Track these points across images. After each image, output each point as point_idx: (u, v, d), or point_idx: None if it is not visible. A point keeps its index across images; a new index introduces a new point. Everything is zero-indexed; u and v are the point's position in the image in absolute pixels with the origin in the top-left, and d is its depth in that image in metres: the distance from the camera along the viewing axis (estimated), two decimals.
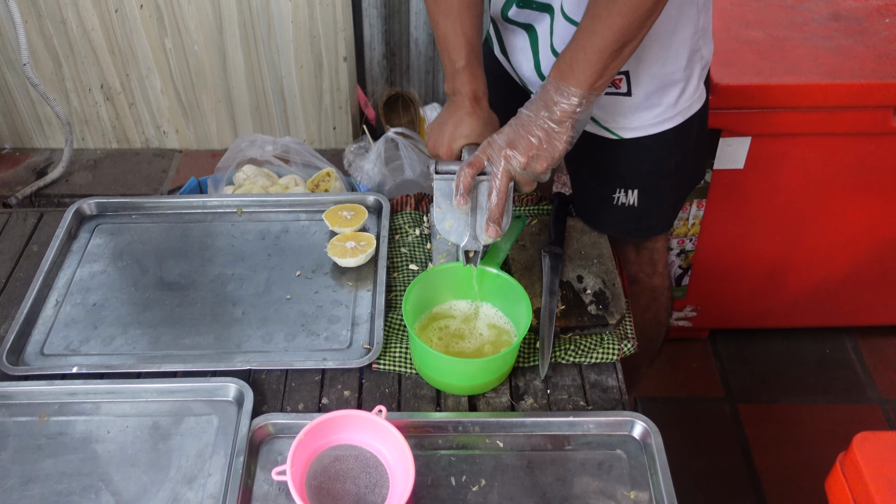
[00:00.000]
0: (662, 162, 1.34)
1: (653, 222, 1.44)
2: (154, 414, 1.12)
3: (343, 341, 1.22)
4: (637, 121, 1.28)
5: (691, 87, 1.28)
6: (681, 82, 1.26)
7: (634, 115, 1.27)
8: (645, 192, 1.36)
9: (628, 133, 1.30)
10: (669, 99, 1.26)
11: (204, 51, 2.32)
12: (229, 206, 1.48)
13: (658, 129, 1.29)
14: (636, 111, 1.27)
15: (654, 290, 1.58)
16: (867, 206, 1.94)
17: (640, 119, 1.28)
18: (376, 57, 2.51)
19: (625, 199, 1.36)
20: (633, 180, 1.35)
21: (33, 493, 1.02)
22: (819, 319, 2.24)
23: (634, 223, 1.41)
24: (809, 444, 2.03)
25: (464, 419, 1.10)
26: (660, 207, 1.41)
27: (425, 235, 1.41)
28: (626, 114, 1.27)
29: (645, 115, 1.27)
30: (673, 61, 1.23)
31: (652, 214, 1.41)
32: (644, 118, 1.28)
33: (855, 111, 1.73)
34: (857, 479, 0.92)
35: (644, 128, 1.29)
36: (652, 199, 1.38)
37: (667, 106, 1.27)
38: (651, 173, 1.35)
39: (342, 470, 1.04)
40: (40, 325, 1.25)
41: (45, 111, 2.46)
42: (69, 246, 1.40)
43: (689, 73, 1.26)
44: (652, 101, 1.26)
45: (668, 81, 1.25)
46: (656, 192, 1.38)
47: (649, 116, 1.27)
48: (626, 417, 1.10)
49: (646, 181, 1.35)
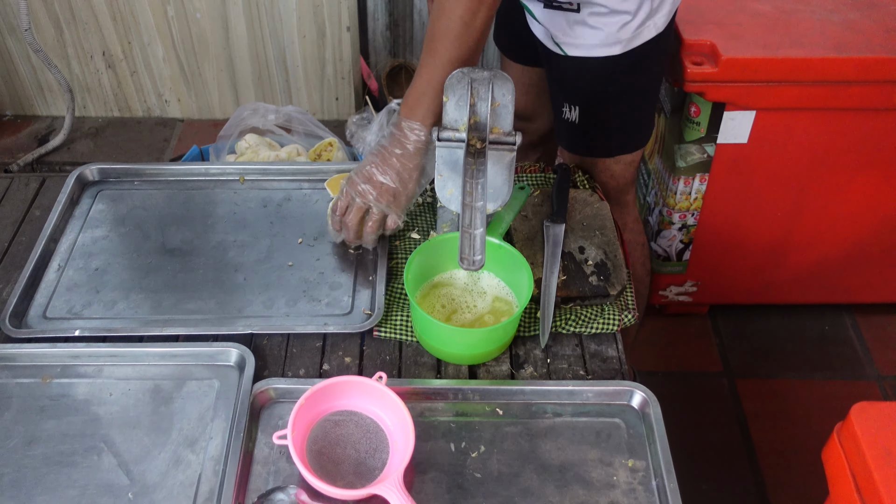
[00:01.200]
0: (603, 85, 1.42)
1: (592, 143, 1.53)
2: (156, 377, 1.13)
3: (344, 307, 1.23)
4: (581, 38, 1.36)
5: (639, 19, 1.34)
6: (629, 14, 1.33)
7: (578, 30, 1.35)
8: (585, 112, 1.47)
9: (572, 50, 1.38)
10: (613, 26, 1.33)
11: (206, 19, 2.31)
12: (231, 174, 1.48)
13: (599, 52, 1.36)
14: (581, 27, 1.35)
15: (628, 245, 1.66)
16: (870, 183, 1.93)
17: (583, 37, 1.35)
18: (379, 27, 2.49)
19: (569, 114, 1.47)
20: (576, 97, 1.46)
21: (36, 453, 1.03)
22: (819, 296, 2.25)
23: (576, 139, 1.53)
24: (806, 419, 2.05)
25: (464, 387, 1.11)
26: (598, 129, 1.50)
27: (427, 204, 1.41)
28: (573, 29, 1.35)
29: (588, 33, 1.35)
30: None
31: (590, 135, 1.51)
32: (587, 37, 1.35)
33: (861, 86, 1.72)
34: (855, 448, 0.92)
35: (586, 48, 1.37)
36: (590, 119, 1.48)
37: (609, 32, 1.34)
38: (591, 94, 1.44)
39: (342, 435, 1.05)
40: (43, 288, 1.26)
41: (47, 78, 2.45)
42: (71, 211, 1.40)
43: (640, 7, 1.33)
44: (596, 22, 1.33)
45: (614, 8, 1.31)
46: (594, 114, 1.47)
47: (592, 37, 1.35)
48: (625, 387, 1.10)
49: (586, 101, 1.45)
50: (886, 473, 0.88)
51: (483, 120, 1.16)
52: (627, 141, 1.55)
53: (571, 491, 1.00)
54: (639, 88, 1.48)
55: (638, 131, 1.56)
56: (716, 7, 1.85)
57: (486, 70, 1.18)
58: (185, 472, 1.01)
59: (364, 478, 1.00)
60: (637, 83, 1.47)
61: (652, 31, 1.38)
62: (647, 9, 1.35)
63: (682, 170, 1.91)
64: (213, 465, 1.02)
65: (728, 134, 1.83)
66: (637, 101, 1.50)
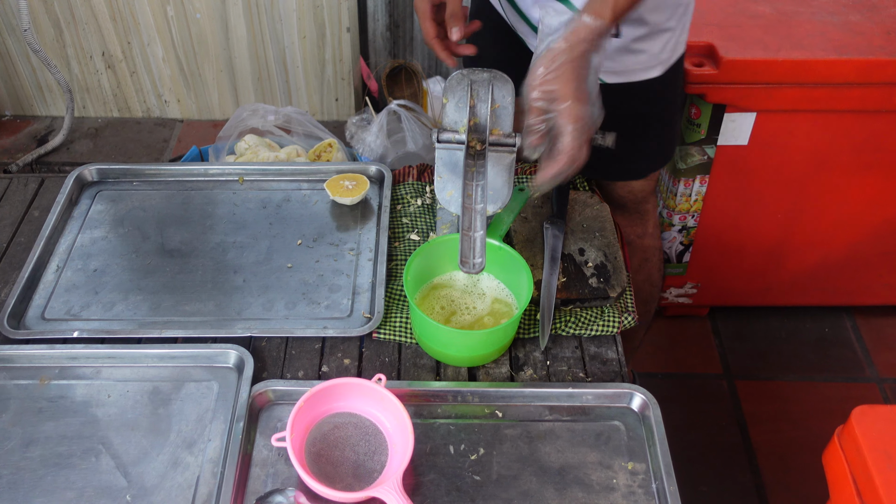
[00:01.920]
0: (643, 109, 1.38)
1: (627, 167, 1.49)
2: (154, 379, 1.13)
3: (344, 310, 1.22)
4: (621, 65, 1.30)
5: (676, 35, 1.30)
6: (669, 31, 1.28)
7: (619, 58, 1.30)
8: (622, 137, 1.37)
9: (611, 78, 1.32)
10: (656, 47, 1.29)
11: (206, 19, 2.30)
12: (231, 175, 1.47)
13: (641, 76, 1.32)
14: (621, 54, 1.29)
15: (646, 251, 1.61)
16: (870, 185, 1.93)
17: (623, 63, 1.30)
18: (379, 28, 2.49)
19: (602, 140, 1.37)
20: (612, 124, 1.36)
21: (34, 454, 1.03)
22: (819, 298, 2.24)
23: (608, 165, 1.46)
24: (806, 421, 2.04)
25: (463, 389, 1.10)
26: (636, 153, 1.46)
27: (427, 205, 1.41)
28: (612, 56, 1.29)
29: (629, 59, 1.29)
30: (663, 10, 1.25)
31: (624, 159, 1.45)
32: (628, 63, 1.30)
33: (861, 88, 1.72)
34: (855, 452, 0.92)
35: (627, 73, 1.31)
36: (628, 144, 1.39)
37: (652, 54, 1.29)
38: (630, 119, 1.39)
39: (341, 437, 1.05)
40: (41, 289, 1.25)
41: (46, 78, 2.44)
42: (70, 212, 1.40)
43: (676, 22, 1.28)
44: (638, 47, 1.28)
45: (657, 29, 1.27)
46: (633, 138, 1.41)
47: (633, 62, 1.30)
48: (624, 389, 1.10)
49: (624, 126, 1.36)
50: (887, 477, 0.88)
51: (483, 122, 1.16)
52: (660, 158, 1.51)
53: (571, 493, 0.99)
54: (672, 104, 1.45)
55: (670, 146, 1.52)
56: (716, 9, 1.85)
57: (486, 72, 1.17)
58: (183, 475, 1.01)
59: (363, 480, 1.00)
60: (671, 99, 1.43)
61: (683, 46, 1.34)
62: (684, 23, 1.30)
63: (682, 171, 1.91)
64: (211, 468, 1.01)
65: (728, 136, 1.83)
66: (669, 118, 1.47)
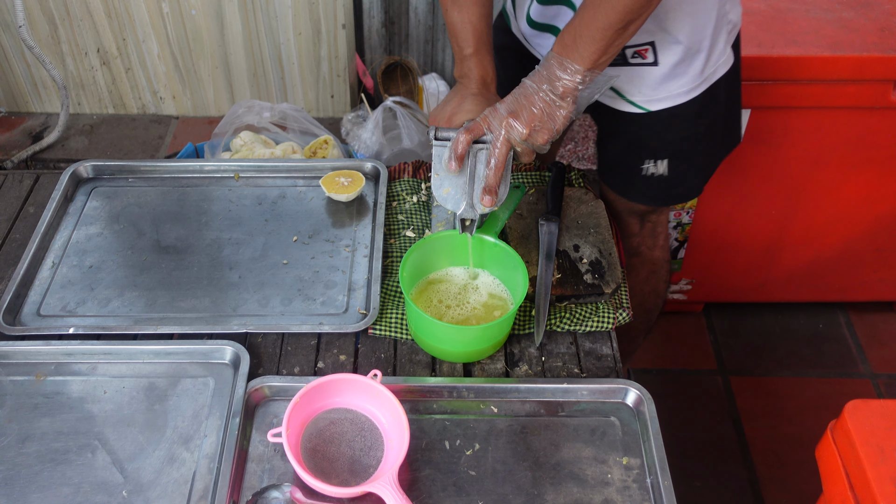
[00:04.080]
0: (691, 129, 1.33)
1: (684, 189, 1.44)
2: (150, 375, 1.13)
3: (339, 306, 1.22)
4: (664, 91, 1.27)
5: (716, 52, 1.26)
6: (706, 49, 1.24)
7: (661, 85, 1.26)
8: (675, 161, 1.36)
9: (655, 105, 1.29)
10: (696, 67, 1.25)
11: (201, 16, 2.30)
12: (226, 171, 1.47)
13: (685, 98, 1.28)
14: (663, 81, 1.26)
15: (655, 263, 1.59)
16: (864, 182, 1.94)
17: (667, 89, 1.27)
18: (375, 25, 2.49)
19: (654, 169, 1.35)
20: (663, 150, 1.35)
21: (30, 450, 1.03)
22: (813, 294, 2.25)
23: (666, 191, 1.41)
24: (800, 416, 2.05)
25: (458, 384, 1.11)
26: (690, 174, 1.41)
27: (422, 202, 1.41)
28: (654, 85, 1.26)
29: (672, 84, 1.26)
30: (700, 29, 1.22)
31: (683, 181, 1.41)
32: (671, 88, 1.26)
33: (855, 84, 1.73)
34: (848, 446, 0.93)
35: (671, 98, 1.28)
36: (682, 166, 1.38)
37: (693, 75, 1.26)
38: (680, 142, 1.34)
39: (337, 433, 1.05)
40: (37, 286, 1.25)
41: (41, 75, 2.44)
42: (65, 208, 1.40)
43: (714, 38, 1.24)
44: (679, 70, 1.25)
45: (694, 49, 1.23)
46: (686, 159, 1.37)
47: (676, 86, 1.26)
48: (619, 385, 1.11)
49: (675, 150, 1.35)
50: (880, 470, 0.89)
51: None
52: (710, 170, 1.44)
53: (566, 488, 1.00)
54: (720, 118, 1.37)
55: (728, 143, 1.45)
56: None
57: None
58: (179, 470, 1.01)
59: (359, 475, 1.00)
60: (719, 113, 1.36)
61: (731, 60, 1.30)
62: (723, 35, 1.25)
63: None
64: (207, 463, 1.02)
65: None
66: (722, 128, 1.39)
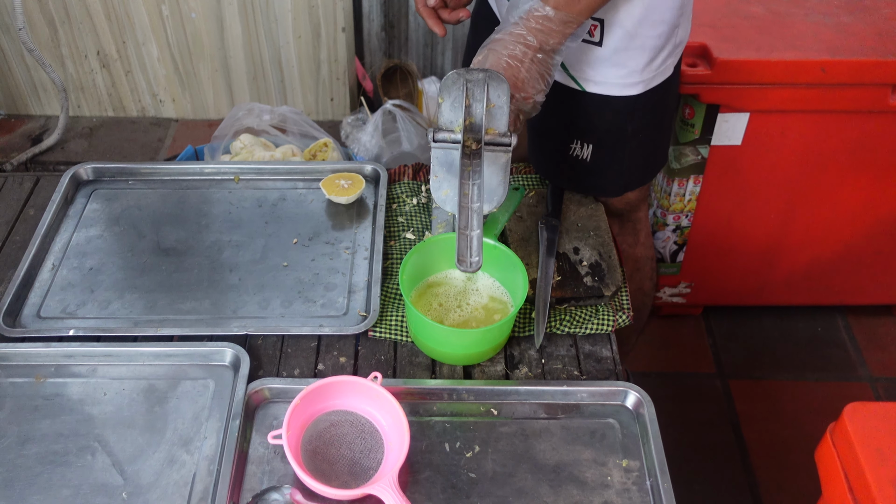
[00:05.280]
0: (619, 125, 1.37)
1: (602, 183, 1.46)
2: (150, 377, 1.13)
3: (339, 308, 1.23)
4: (601, 75, 1.31)
5: (659, 59, 1.30)
6: (650, 51, 1.28)
7: (601, 68, 1.30)
8: (599, 150, 1.40)
9: (592, 87, 1.32)
10: (636, 63, 1.29)
11: (201, 19, 2.30)
12: (226, 174, 1.48)
13: (620, 91, 1.32)
14: (603, 64, 1.30)
15: (637, 261, 1.61)
16: (863, 186, 1.94)
17: (604, 74, 1.30)
18: (375, 28, 2.49)
19: (580, 151, 1.39)
20: (590, 135, 1.39)
21: (30, 452, 1.03)
22: (812, 298, 2.25)
23: (586, 179, 1.44)
24: (799, 420, 2.05)
25: (458, 387, 1.11)
26: (611, 169, 1.43)
27: (422, 204, 1.41)
28: (594, 65, 1.30)
29: (610, 71, 1.30)
30: (649, 26, 1.25)
31: (602, 174, 1.44)
32: (608, 74, 1.30)
33: (854, 88, 1.73)
34: (847, 448, 0.93)
35: (607, 85, 1.31)
36: (604, 158, 1.41)
37: (632, 70, 1.29)
38: (607, 133, 1.38)
39: (337, 435, 1.05)
40: (37, 288, 1.25)
41: (41, 77, 2.44)
42: (65, 210, 1.40)
43: (660, 44, 1.28)
44: (619, 59, 1.28)
45: (638, 45, 1.27)
46: (609, 154, 1.41)
47: (613, 75, 1.30)
48: (619, 387, 1.11)
49: (601, 139, 1.39)
50: (879, 473, 0.89)
51: (478, 121, 1.16)
52: (640, 176, 1.49)
53: (566, 491, 1.00)
54: (657, 124, 1.43)
55: (653, 165, 1.50)
56: (710, 9, 1.86)
57: (482, 71, 1.18)
58: (179, 472, 1.01)
59: (359, 478, 1.00)
60: (656, 119, 1.41)
61: (671, 69, 1.34)
62: (672, 44, 1.30)
63: (676, 171, 1.92)
64: (207, 465, 1.02)
65: (722, 136, 1.83)
66: (653, 137, 1.44)
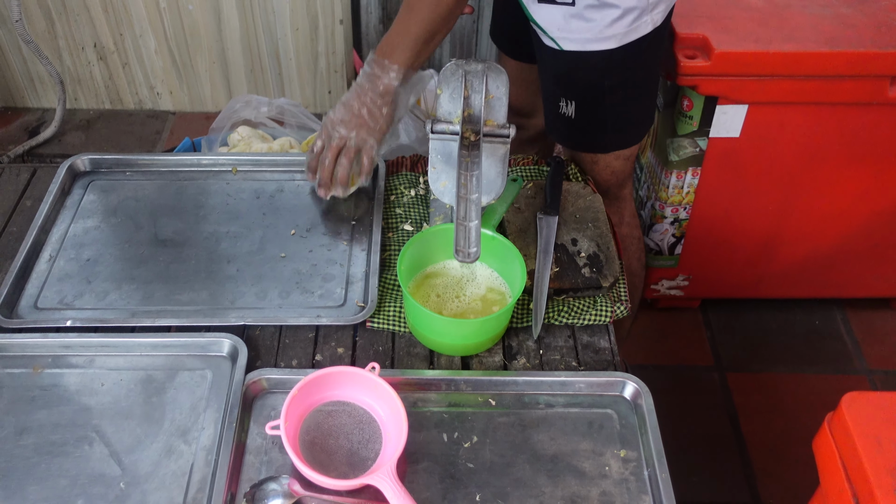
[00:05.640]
0: (597, 80, 1.42)
1: (589, 139, 1.53)
2: (148, 368, 1.13)
3: (337, 299, 1.22)
4: (575, 32, 1.36)
5: (633, 15, 1.34)
6: (621, 9, 1.33)
7: (573, 24, 1.35)
8: (581, 106, 1.46)
9: (567, 44, 1.38)
10: (607, 19, 1.33)
11: (199, 11, 2.30)
12: (224, 165, 1.47)
13: (593, 46, 1.37)
14: (574, 19, 1.35)
15: (623, 240, 1.66)
16: (861, 178, 1.94)
17: (577, 30, 1.36)
18: (372, 21, 2.49)
19: (566, 108, 1.48)
20: (571, 92, 1.46)
21: (27, 442, 1.03)
22: (809, 290, 2.26)
23: (575, 136, 1.53)
24: (796, 412, 2.06)
25: (456, 377, 1.11)
26: (595, 125, 1.50)
27: (420, 196, 1.41)
28: (568, 22, 1.36)
29: (581, 26, 1.35)
30: None
31: (586, 130, 1.51)
32: (581, 29, 1.35)
33: (852, 80, 1.73)
34: (845, 438, 0.93)
35: (581, 42, 1.37)
36: (587, 115, 1.47)
37: (602, 25, 1.34)
38: (587, 89, 1.44)
39: (335, 425, 1.05)
40: (34, 279, 1.25)
41: (38, 70, 2.43)
42: (63, 202, 1.40)
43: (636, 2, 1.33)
44: (590, 14, 1.33)
45: (606, 1, 1.32)
46: (591, 111, 1.47)
47: (585, 29, 1.35)
48: (617, 378, 1.11)
49: (582, 95, 1.45)
50: (876, 462, 0.89)
51: (477, 112, 1.16)
52: (623, 136, 1.54)
53: (564, 481, 1.00)
54: (635, 83, 1.48)
55: (634, 127, 1.55)
56: (709, 1, 1.86)
57: (481, 62, 1.18)
58: (177, 462, 1.01)
59: (357, 468, 1.00)
60: (633, 78, 1.46)
61: (648, 27, 1.37)
62: (644, 3, 1.34)
63: (674, 164, 1.92)
64: (205, 456, 1.02)
65: (720, 128, 1.83)
66: (633, 96, 1.49)
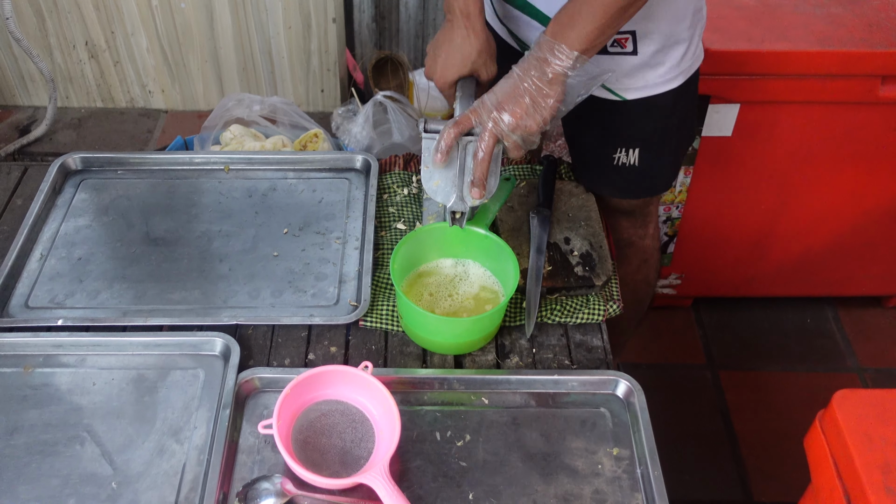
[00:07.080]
0: (665, 121, 1.34)
1: (654, 182, 1.45)
2: (140, 367, 1.12)
3: (330, 298, 1.22)
4: (642, 80, 1.27)
5: (693, 45, 1.28)
6: (685, 41, 1.26)
7: (639, 74, 1.27)
8: (646, 152, 1.37)
9: (632, 94, 1.29)
10: (674, 58, 1.26)
11: (191, 9, 2.29)
12: (216, 164, 1.47)
13: (662, 88, 1.29)
14: (641, 70, 1.26)
15: (645, 252, 1.60)
16: (853, 177, 1.95)
17: (644, 79, 1.27)
18: (365, 19, 2.48)
19: (625, 158, 1.36)
20: (635, 140, 1.35)
21: (18, 442, 1.02)
22: (801, 289, 2.26)
23: (636, 183, 1.42)
24: (788, 410, 2.07)
25: (449, 376, 1.11)
26: (661, 166, 1.42)
27: (413, 195, 1.41)
28: (632, 73, 1.27)
29: (650, 74, 1.27)
30: (679, 20, 1.23)
31: (653, 173, 1.42)
32: (649, 78, 1.27)
33: (843, 79, 1.73)
34: (836, 435, 0.93)
35: (648, 87, 1.28)
36: (653, 158, 1.38)
37: (671, 65, 1.27)
38: (653, 132, 1.35)
39: (328, 424, 1.05)
40: (25, 278, 1.25)
41: (29, 68, 2.42)
42: (54, 200, 1.39)
43: (692, 31, 1.26)
44: (657, 60, 1.25)
45: (673, 40, 1.24)
46: (658, 152, 1.38)
47: (654, 76, 1.27)
48: (609, 376, 1.11)
49: (647, 141, 1.36)
50: (867, 459, 0.89)
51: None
52: (677, 167, 1.48)
53: (556, 479, 1.00)
54: (689, 113, 1.41)
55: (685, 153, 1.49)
56: None
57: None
58: (169, 462, 1.01)
59: (350, 467, 1.00)
60: (692, 106, 1.40)
61: (701, 54, 1.32)
62: (699, 31, 1.28)
63: None
64: (197, 455, 1.01)
65: (712, 127, 1.84)
66: (689, 124, 1.43)
